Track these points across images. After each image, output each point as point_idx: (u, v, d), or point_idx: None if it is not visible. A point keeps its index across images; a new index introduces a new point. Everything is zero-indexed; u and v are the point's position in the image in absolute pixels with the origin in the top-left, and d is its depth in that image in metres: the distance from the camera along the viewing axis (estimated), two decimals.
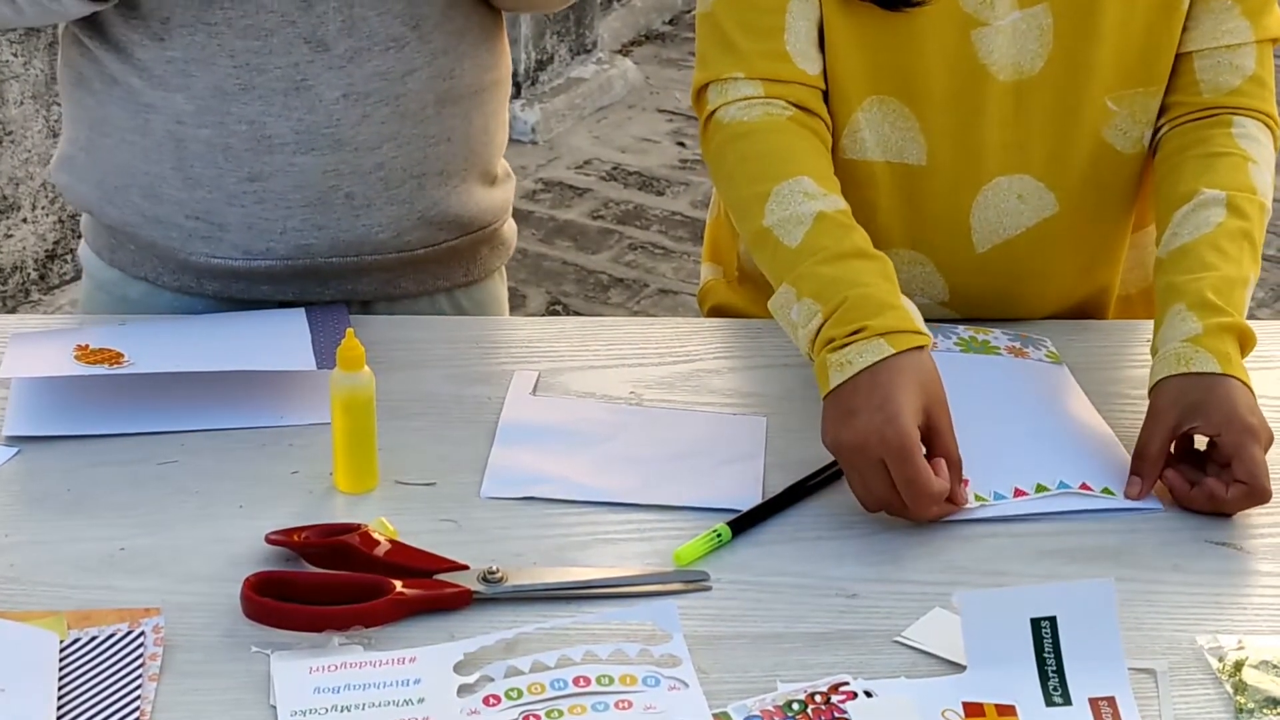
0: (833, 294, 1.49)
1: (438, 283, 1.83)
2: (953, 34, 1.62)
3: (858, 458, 1.43)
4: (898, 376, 1.44)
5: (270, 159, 1.70)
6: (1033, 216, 1.69)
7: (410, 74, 1.71)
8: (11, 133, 3.67)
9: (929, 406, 1.44)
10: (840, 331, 1.47)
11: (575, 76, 5.04)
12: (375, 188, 1.73)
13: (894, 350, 1.45)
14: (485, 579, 1.34)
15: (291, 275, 1.75)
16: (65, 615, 1.30)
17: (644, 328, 1.77)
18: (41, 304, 3.80)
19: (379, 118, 1.71)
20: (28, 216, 3.76)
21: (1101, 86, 1.65)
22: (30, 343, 1.64)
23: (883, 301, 1.49)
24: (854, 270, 1.51)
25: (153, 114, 1.71)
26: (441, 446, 1.53)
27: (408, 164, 1.74)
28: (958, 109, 1.65)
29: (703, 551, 1.40)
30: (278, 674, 1.25)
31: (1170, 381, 1.50)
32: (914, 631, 1.32)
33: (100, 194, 1.77)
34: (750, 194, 1.59)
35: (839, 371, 1.46)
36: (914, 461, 1.41)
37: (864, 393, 1.44)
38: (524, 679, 1.24)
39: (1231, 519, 1.46)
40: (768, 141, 1.62)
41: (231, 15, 1.66)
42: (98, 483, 1.48)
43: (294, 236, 1.73)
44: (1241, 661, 1.29)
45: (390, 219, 1.75)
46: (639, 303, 4.01)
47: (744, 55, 1.64)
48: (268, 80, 1.67)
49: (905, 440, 1.41)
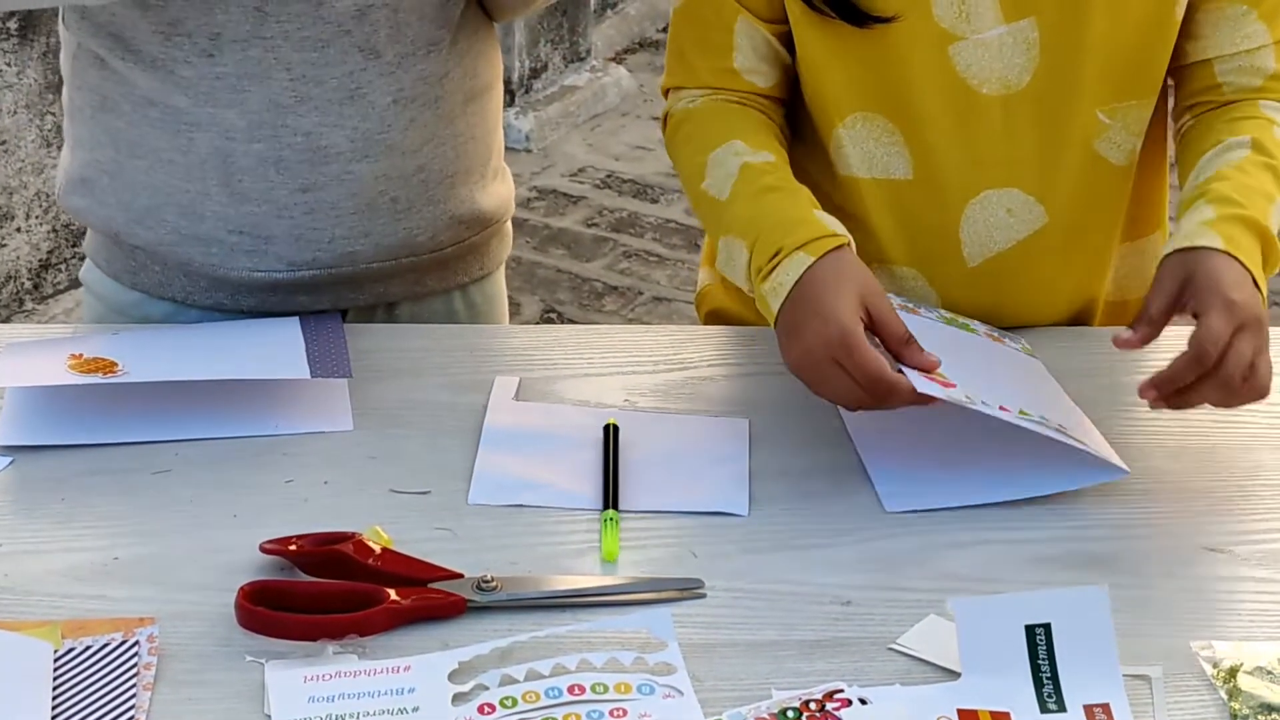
0: (751, 229, 1.56)
1: (458, 279, 1.85)
2: (930, 49, 1.63)
3: (812, 368, 1.47)
4: (825, 280, 1.49)
5: (325, 169, 1.69)
6: (1023, 230, 1.69)
7: (446, 76, 1.73)
8: (5, 142, 3.67)
9: (864, 297, 1.49)
10: (763, 260, 1.53)
11: (569, 84, 5.04)
12: (416, 190, 1.75)
13: (814, 257, 1.50)
14: (479, 587, 1.34)
15: (332, 283, 1.76)
16: (59, 625, 1.30)
17: (638, 335, 1.78)
18: (35, 313, 3.80)
19: (422, 121, 1.73)
20: (21, 225, 3.75)
21: (1091, 99, 1.65)
22: (24, 352, 1.64)
23: (793, 219, 1.55)
24: (767, 204, 1.58)
25: (198, 132, 1.69)
26: (435, 455, 1.53)
27: (443, 164, 1.76)
28: (942, 124, 1.65)
29: (616, 539, 1.41)
30: (272, 683, 1.25)
31: (1173, 256, 1.52)
32: (908, 639, 1.32)
33: (128, 216, 1.74)
34: (692, 166, 1.66)
35: (774, 297, 1.51)
36: (859, 350, 1.45)
37: (799, 306, 1.49)
38: (518, 687, 1.24)
39: (1225, 523, 1.46)
40: (707, 120, 1.69)
41: (289, 29, 1.65)
42: (91, 492, 1.48)
43: (341, 245, 1.73)
44: (1236, 667, 1.29)
45: (428, 220, 1.77)
46: (633, 310, 4.01)
47: (695, 70, 1.71)
48: (324, 91, 1.67)
49: (845, 333, 1.45)
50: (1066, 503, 1.49)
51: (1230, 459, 1.56)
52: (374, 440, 1.54)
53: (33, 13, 3.62)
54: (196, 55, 1.66)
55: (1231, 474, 1.54)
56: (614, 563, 1.40)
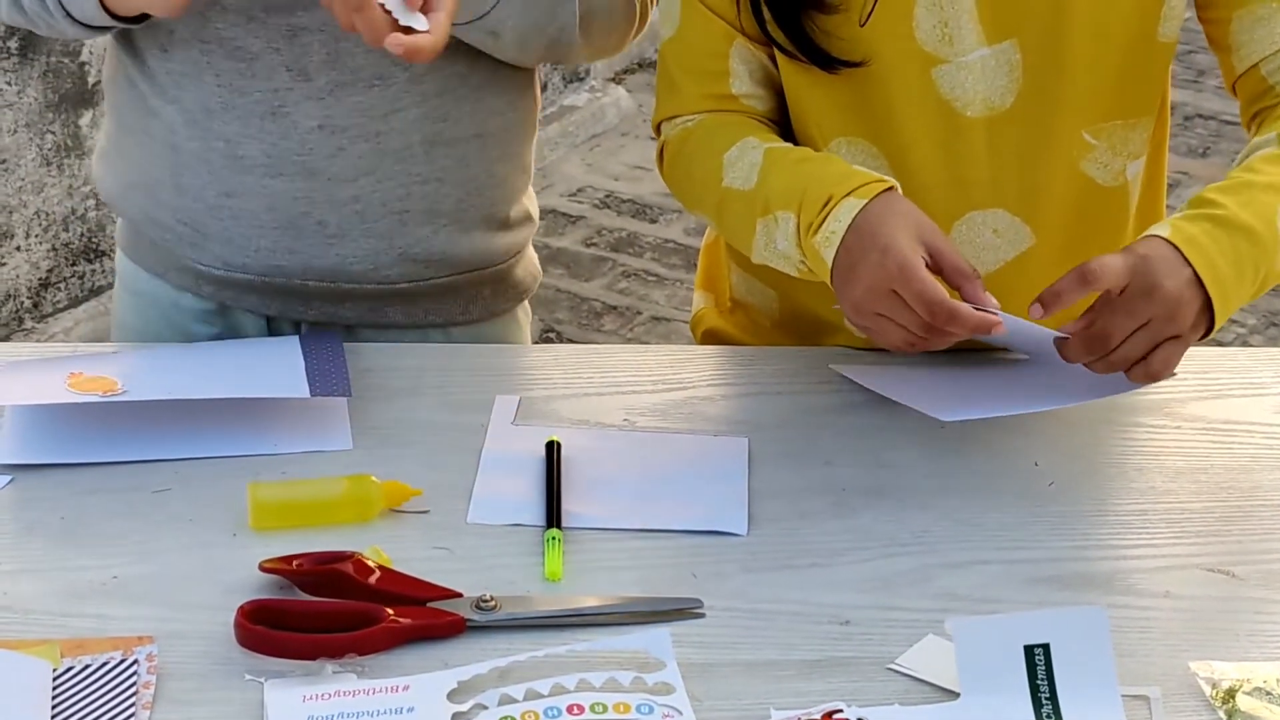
0: (794, 194, 1.55)
1: (428, 317, 1.82)
2: (914, 73, 1.63)
3: (873, 304, 1.46)
4: (880, 217, 1.48)
5: (244, 179, 1.72)
6: (1009, 250, 1.69)
7: (395, 113, 1.71)
8: (4, 161, 3.67)
9: (921, 234, 1.48)
10: (813, 215, 1.52)
11: (568, 104, 5.05)
12: (350, 219, 1.74)
13: (865, 200, 1.49)
14: (478, 607, 1.34)
15: (271, 291, 1.78)
16: (59, 643, 1.30)
17: (637, 355, 1.78)
18: (35, 332, 3.80)
19: (356, 152, 1.71)
20: (21, 244, 3.76)
21: (1077, 120, 1.65)
22: (23, 371, 1.65)
23: (838, 173, 1.54)
24: (805, 170, 1.57)
25: (154, 120, 1.75)
26: (434, 474, 1.53)
27: (387, 199, 1.74)
28: (925, 146, 1.65)
29: (560, 560, 1.40)
30: (271, 702, 1.25)
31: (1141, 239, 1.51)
32: (907, 659, 1.32)
33: (119, 189, 1.82)
34: (706, 171, 1.64)
35: (827, 246, 1.50)
36: (919, 278, 1.44)
37: (855, 249, 1.48)
38: (517, 707, 1.24)
39: (1224, 544, 1.46)
40: (713, 130, 1.68)
41: (224, 35, 1.68)
42: (91, 510, 1.48)
43: (266, 255, 1.75)
44: (1235, 688, 1.29)
45: (366, 251, 1.75)
46: (632, 330, 4.01)
47: (690, 98, 1.70)
48: (247, 102, 1.70)
49: (904, 263, 1.44)
50: (1065, 523, 1.49)
51: (1229, 479, 1.56)
52: (373, 459, 1.54)
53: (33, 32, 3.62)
54: (156, 47, 1.72)
55: (1230, 494, 1.54)
56: (557, 582, 1.39)
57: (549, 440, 1.55)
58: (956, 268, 1.48)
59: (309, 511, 1.45)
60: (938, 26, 1.61)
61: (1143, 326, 1.47)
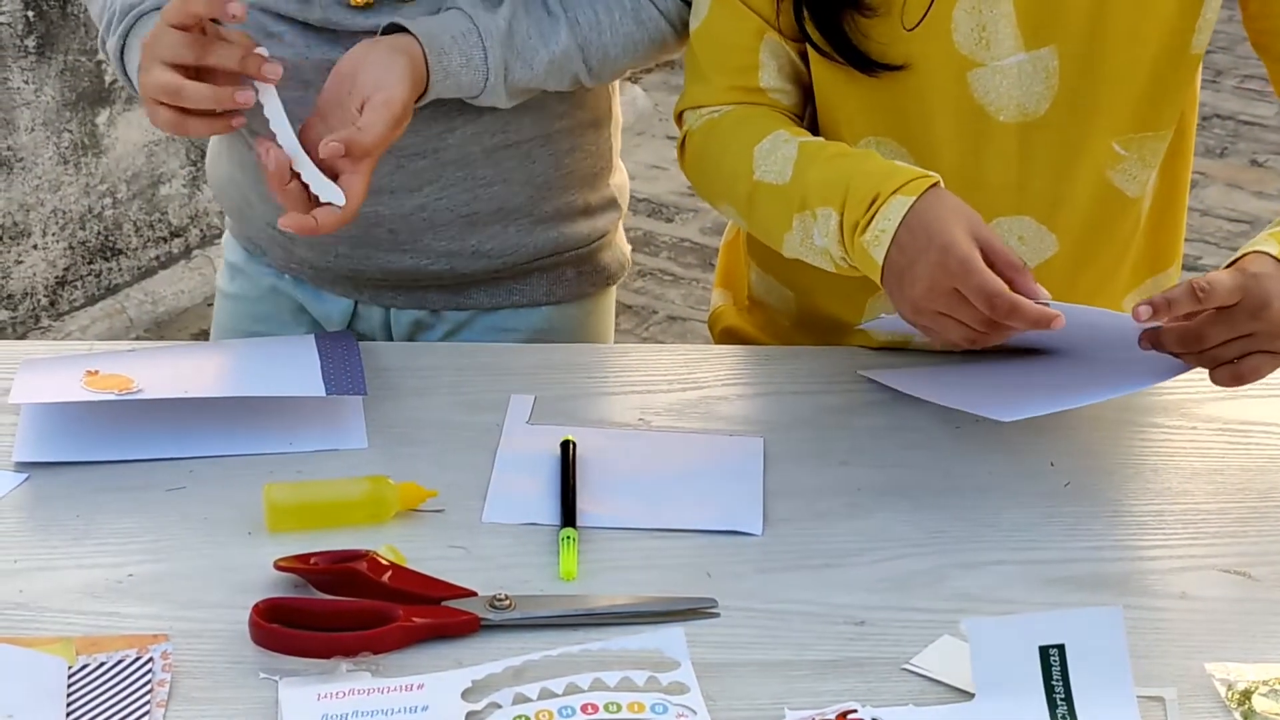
0: (836, 190, 1.53)
1: (512, 298, 1.85)
2: (949, 75, 1.62)
3: (933, 301, 1.45)
4: (933, 214, 1.47)
5: None
6: (1033, 258, 1.68)
7: (449, 132, 1.73)
8: (22, 159, 3.68)
9: (972, 228, 1.47)
10: (859, 214, 1.51)
11: None
12: (419, 227, 1.77)
13: (914, 196, 1.48)
14: (493, 606, 1.34)
15: (359, 281, 1.84)
16: (74, 641, 1.31)
17: (653, 354, 1.78)
18: (51, 330, 3.81)
19: (414, 168, 1.74)
20: (38, 243, 3.76)
21: (1108, 129, 1.65)
22: (40, 369, 1.65)
23: (880, 170, 1.53)
24: (844, 165, 1.56)
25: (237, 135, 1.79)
26: (449, 473, 1.53)
27: (454, 205, 1.77)
28: (956, 149, 1.65)
29: (575, 560, 1.40)
30: (286, 701, 1.25)
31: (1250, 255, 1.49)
32: (922, 659, 1.32)
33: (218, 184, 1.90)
34: (737, 163, 1.63)
35: (877, 246, 1.49)
36: (979, 272, 1.43)
37: (908, 247, 1.47)
38: (531, 706, 1.24)
39: (1240, 545, 1.46)
40: (742, 121, 1.67)
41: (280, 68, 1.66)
42: (106, 509, 1.48)
43: (345, 260, 1.80)
44: (1251, 689, 1.28)
45: (440, 253, 1.79)
46: (648, 329, 4.01)
47: (717, 90, 1.70)
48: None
49: (964, 259, 1.44)
50: (1080, 523, 1.49)
51: (1245, 480, 1.56)
52: (388, 458, 1.54)
53: (50, 30, 3.63)
54: None
55: (1246, 495, 1.54)
56: (572, 581, 1.39)
57: (564, 439, 1.55)
58: (1008, 261, 1.47)
59: (325, 514, 1.45)
60: (975, 30, 1.61)
61: (1243, 337, 1.47)
